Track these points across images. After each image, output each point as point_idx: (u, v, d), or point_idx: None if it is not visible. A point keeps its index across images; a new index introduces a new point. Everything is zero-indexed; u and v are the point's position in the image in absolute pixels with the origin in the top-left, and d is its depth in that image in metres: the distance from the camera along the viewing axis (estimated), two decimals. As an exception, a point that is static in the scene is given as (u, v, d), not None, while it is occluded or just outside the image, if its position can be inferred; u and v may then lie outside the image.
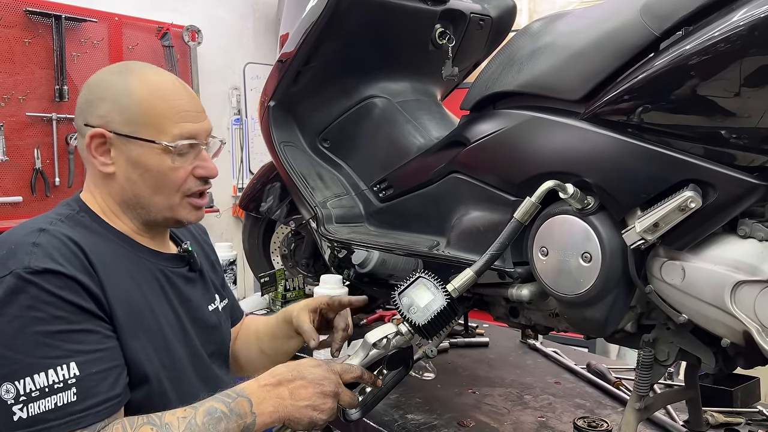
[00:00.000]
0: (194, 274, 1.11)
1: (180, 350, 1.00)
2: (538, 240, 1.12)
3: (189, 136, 0.98)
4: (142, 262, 1.00)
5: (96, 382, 0.83)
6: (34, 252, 0.84)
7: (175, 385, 0.97)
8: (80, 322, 0.84)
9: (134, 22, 3.30)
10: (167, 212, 1.00)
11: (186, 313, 1.04)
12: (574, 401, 1.51)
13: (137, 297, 0.94)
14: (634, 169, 0.98)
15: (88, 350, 0.84)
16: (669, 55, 0.92)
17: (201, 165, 1.00)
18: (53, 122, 2.97)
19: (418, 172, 1.51)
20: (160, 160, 0.96)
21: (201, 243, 1.23)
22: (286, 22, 1.84)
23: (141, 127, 0.95)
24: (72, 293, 0.84)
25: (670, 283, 0.98)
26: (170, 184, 0.98)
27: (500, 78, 1.26)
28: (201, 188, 1.01)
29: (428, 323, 0.98)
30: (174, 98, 0.98)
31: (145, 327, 0.94)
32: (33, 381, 0.79)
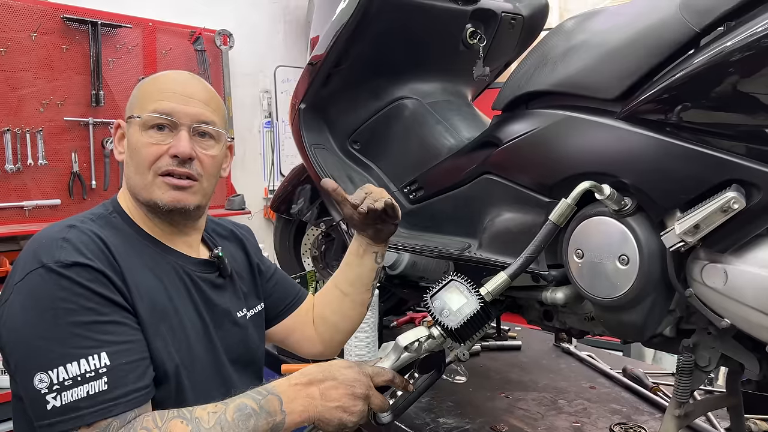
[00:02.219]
0: (223, 280, 1.11)
1: (201, 353, 1.01)
2: (574, 242, 1.09)
3: (163, 112, 0.98)
4: (169, 263, 1.01)
5: (125, 372, 0.84)
6: (63, 246, 0.87)
7: (194, 386, 0.97)
8: (109, 313, 0.86)
9: (167, 27, 3.36)
10: (145, 193, 0.99)
11: (211, 318, 1.05)
12: (610, 407, 1.48)
13: (161, 296, 0.96)
14: (673, 169, 0.95)
15: (117, 341, 0.85)
16: (710, 52, 0.90)
17: (173, 143, 0.99)
18: (90, 126, 3.04)
19: (450, 174, 1.50)
20: (138, 137, 0.99)
21: (246, 248, 1.24)
22: (317, 25, 1.85)
23: (134, 109, 1.01)
24: (101, 285, 0.86)
25: (711, 286, 0.94)
26: (143, 160, 0.98)
27: (533, 77, 1.24)
28: (172, 168, 0.99)
29: (461, 327, 0.96)
30: (165, 82, 1.03)
31: (167, 325, 0.95)
32: (66, 370, 0.81)
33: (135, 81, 3.20)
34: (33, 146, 2.85)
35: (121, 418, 0.83)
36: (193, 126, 1.01)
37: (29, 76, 2.86)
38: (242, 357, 1.14)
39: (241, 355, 1.13)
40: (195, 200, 1.03)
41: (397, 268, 1.71)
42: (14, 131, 2.79)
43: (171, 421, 0.83)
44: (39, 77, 2.89)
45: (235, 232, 1.25)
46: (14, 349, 0.85)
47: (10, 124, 2.79)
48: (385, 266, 1.73)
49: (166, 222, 1.04)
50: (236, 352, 1.11)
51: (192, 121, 1.00)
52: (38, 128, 2.86)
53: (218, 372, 1.05)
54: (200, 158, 1.01)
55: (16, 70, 2.82)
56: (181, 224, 1.06)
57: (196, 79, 1.07)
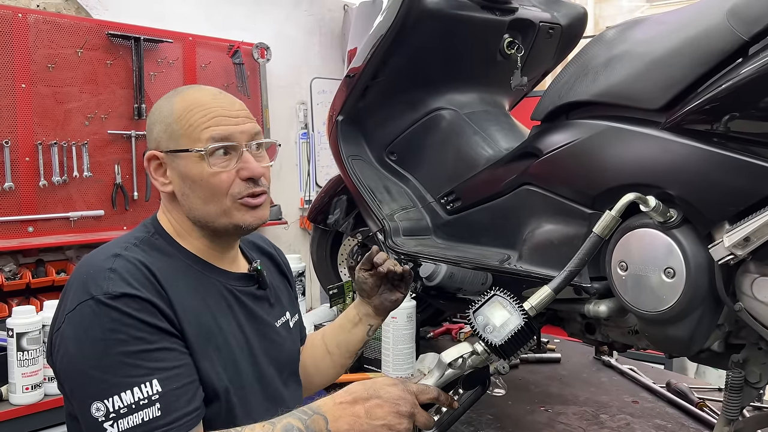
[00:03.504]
0: (263, 292, 1.12)
1: (247, 368, 1.02)
2: (617, 254, 1.08)
3: (221, 138, 0.98)
4: (212, 282, 1.02)
5: (177, 397, 0.86)
6: (111, 277, 0.88)
7: (242, 403, 0.98)
8: (158, 341, 0.87)
9: (207, 42, 3.43)
10: (223, 219, 1.00)
11: (253, 331, 1.06)
12: (654, 422, 1.44)
13: (206, 317, 0.97)
14: (721, 180, 0.94)
15: (167, 367, 0.87)
16: (759, 61, 0.88)
17: (243, 166, 0.99)
18: (132, 139, 3.12)
19: (488, 184, 1.49)
20: (200, 168, 0.97)
21: (277, 261, 1.25)
22: (354, 38, 1.87)
23: (180, 139, 0.98)
24: (148, 315, 0.87)
25: (763, 300, 0.92)
26: (216, 190, 0.98)
27: (574, 87, 1.23)
28: (250, 191, 1.00)
29: (505, 343, 0.95)
30: (207, 106, 1.00)
31: (213, 346, 0.96)
32: (120, 399, 0.83)
33: (175, 94, 3.27)
34: (78, 159, 2.94)
35: None
36: (251, 144, 1.02)
37: (75, 91, 2.95)
38: (286, 367, 1.15)
39: (285, 364, 1.14)
40: (267, 212, 1.06)
41: (434, 279, 1.71)
42: (61, 144, 2.88)
43: None
44: (84, 92, 2.98)
45: (261, 245, 1.25)
46: (69, 378, 0.88)
47: (57, 137, 2.88)
48: (423, 277, 1.73)
49: (226, 242, 1.05)
50: (280, 362, 1.12)
51: (248, 138, 1.01)
52: (83, 141, 2.95)
53: (265, 386, 1.05)
54: (263, 172, 1.03)
55: (62, 85, 2.91)
56: (236, 239, 1.08)
57: (229, 95, 1.07)
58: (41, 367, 1.79)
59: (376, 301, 1.26)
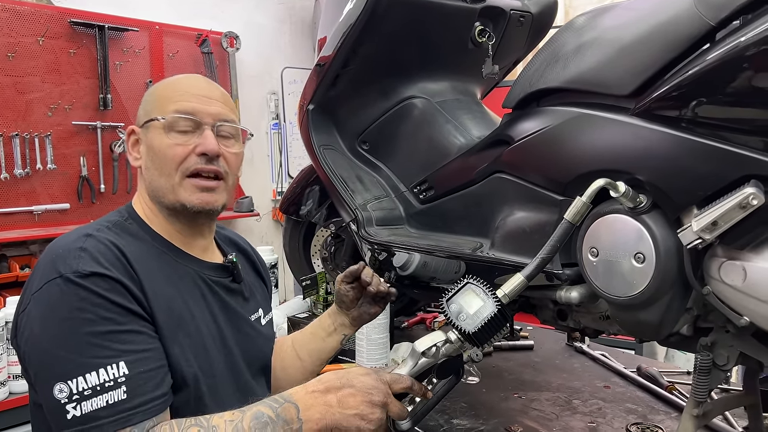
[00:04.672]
0: (237, 285, 1.11)
1: (218, 357, 1.00)
2: (588, 240, 1.08)
3: (185, 112, 0.99)
4: (185, 269, 1.01)
5: (144, 381, 0.84)
6: (81, 256, 0.86)
7: (212, 392, 0.97)
8: (127, 323, 0.86)
9: (174, 30, 3.36)
10: (171, 195, 0.99)
11: (226, 322, 1.05)
12: (626, 406, 1.46)
13: (178, 303, 0.95)
14: (690, 165, 0.94)
15: (136, 350, 0.85)
16: (726, 46, 0.88)
17: (200, 142, 0.99)
18: (98, 130, 3.05)
19: (460, 173, 1.49)
20: (161, 138, 0.99)
21: (253, 259, 1.25)
22: (324, 27, 1.84)
23: (151, 112, 1.01)
24: (118, 295, 0.86)
25: (729, 284, 0.93)
26: (169, 161, 0.98)
27: (544, 75, 1.23)
28: (201, 166, 0.99)
29: (478, 331, 0.95)
30: (182, 84, 1.03)
31: (184, 332, 0.95)
32: (85, 380, 0.81)
33: (142, 84, 3.21)
34: (42, 151, 2.86)
35: (140, 427, 0.83)
36: (217, 125, 1.02)
37: (37, 81, 2.87)
38: (258, 361, 1.14)
39: (256, 358, 1.13)
40: (222, 200, 1.04)
41: (407, 268, 1.70)
42: (23, 136, 2.80)
43: (188, 430, 0.83)
44: (47, 82, 2.90)
45: (238, 242, 1.24)
46: (33, 359, 0.85)
47: (19, 128, 2.80)
48: (396, 266, 1.73)
49: (188, 225, 1.04)
50: (252, 356, 1.11)
51: (214, 119, 1.01)
52: (46, 133, 2.87)
53: (236, 377, 1.04)
54: (225, 156, 1.02)
55: (23, 75, 2.83)
56: (201, 225, 1.06)
57: (210, 81, 1.09)
58: (5, 365, 1.75)
59: (354, 313, 1.26)
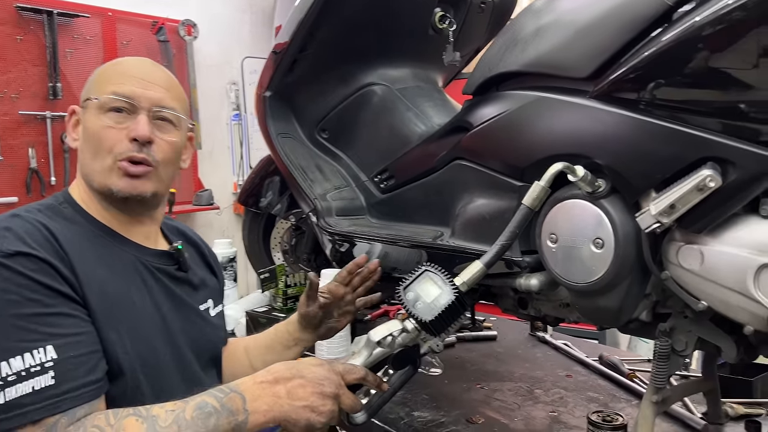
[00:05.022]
0: (184, 274, 1.08)
1: (161, 347, 0.97)
2: (547, 227, 1.06)
3: (122, 94, 0.96)
4: (124, 254, 0.98)
5: (74, 366, 0.80)
6: (5, 236, 0.83)
7: (153, 382, 0.93)
8: (56, 305, 0.82)
9: (128, 17, 3.25)
10: (100, 178, 0.96)
11: (172, 310, 1.01)
12: (587, 395, 1.46)
13: (114, 287, 0.92)
14: (647, 148, 0.93)
15: (65, 333, 0.81)
16: (682, 26, 0.87)
17: (132, 127, 0.96)
18: (47, 120, 2.92)
19: (420, 161, 1.46)
20: (95, 120, 0.96)
21: (203, 251, 1.21)
22: (280, 13, 1.79)
23: (89, 92, 0.98)
24: (46, 276, 0.82)
25: (687, 268, 0.92)
26: (101, 144, 0.95)
27: (503, 58, 1.20)
28: (132, 154, 0.95)
29: (435, 319, 0.93)
30: (126, 66, 1.01)
31: (121, 317, 0.90)
32: (9, 365, 0.76)
33: (95, 73, 3.09)
34: (-13, 142, 2.74)
35: (69, 415, 0.78)
36: (153, 110, 0.98)
37: (-19, 69, 2.74)
38: (207, 352, 1.10)
39: (207, 349, 1.09)
40: (151, 187, 0.99)
41: (369, 259, 1.66)
42: (-33, 127, 2.68)
43: (125, 419, 0.79)
44: (-8, 70, 2.77)
45: (187, 233, 1.20)
46: None
47: (-37, 119, 2.68)
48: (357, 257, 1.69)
49: (122, 211, 1.00)
50: (201, 346, 1.07)
51: (152, 105, 0.98)
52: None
53: (181, 367, 1.00)
54: (159, 143, 0.99)
55: (-33, 63, 2.70)
56: (137, 213, 1.02)
57: (157, 66, 1.05)
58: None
59: (322, 330, 1.23)
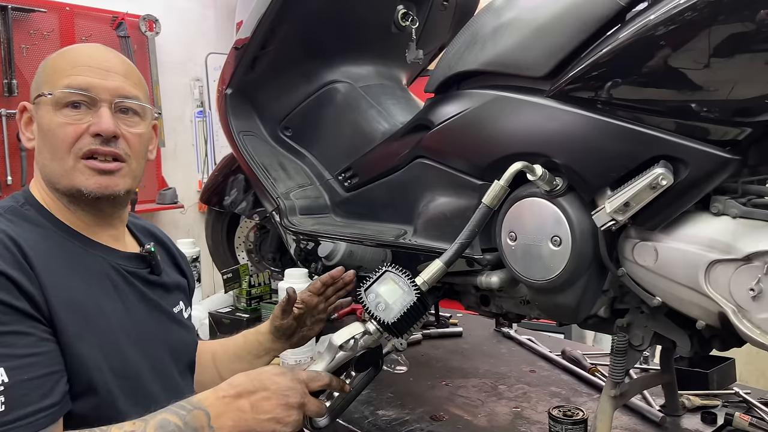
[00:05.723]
0: (156, 276, 1.02)
1: (136, 357, 0.91)
2: (506, 225, 1.07)
3: (78, 87, 0.89)
4: (94, 258, 0.91)
5: (28, 390, 0.75)
6: None
7: (129, 395, 0.88)
8: (10, 323, 0.76)
9: (87, 12, 3.16)
10: (66, 180, 0.90)
11: (146, 316, 0.96)
12: (550, 389, 1.47)
13: (84, 297, 0.86)
14: (602, 146, 0.94)
15: (19, 354, 0.75)
16: (635, 26, 0.88)
17: (94, 121, 0.90)
18: (2, 118, 2.83)
19: (383, 159, 1.46)
20: (51, 117, 0.89)
21: (173, 252, 1.15)
22: (242, 9, 1.76)
23: (42, 86, 0.91)
24: (1, 291, 0.76)
25: (642, 264, 0.94)
26: (60, 143, 0.89)
27: (463, 57, 1.21)
28: (94, 147, 0.89)
29: (398, 321, 0.92)
30: (78, 54, 0.93)
31: (92, 329, 0.85)
32: None
33: (53, 70, 3.00)
34: (-61, 141, 2.65)
35: None
36: (115, 101, 0.91)
37: (-69, 65, 2.65)
38: (185, 357, 1.05)
39: (184, 354, 1.05)
40: (125, 184, 0.93)
41: (333, 258, 1.65)
42: None
43: None
44: (-57, 66, 2.68)
45: (155, 233, 1.14)
46: None
47: None
48: (321, 257, 1.68)
49: (90, 212, 0.93)
50: (179, 352, 1.02)
51: (113, 96, 0.91)
52: (-56, 121, 2.66)
53: (160, 377, 0.95)
54: (126, 137, 0.92)
55: None
56: (107, 213, 0.96)
57: (111, 51, 0.97)
58: None
59: (294, 339, 1.22)
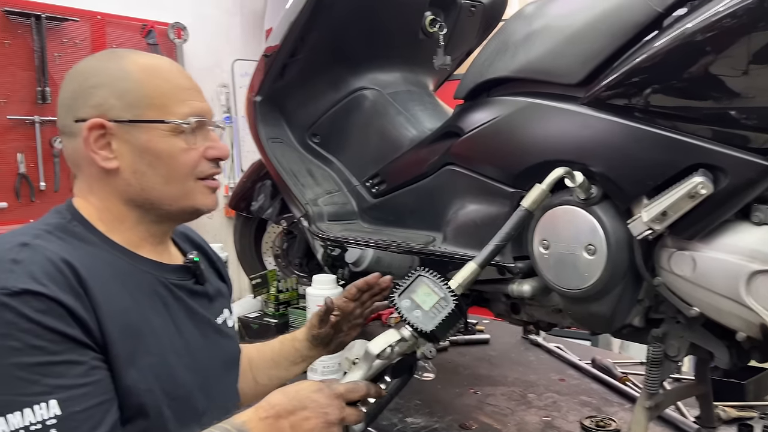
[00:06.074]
0: (201, 287, 1.01)
1: (186, 375, 0.90)
2: (539, 233, 1.06)
3: (197, 113, 0.91)
4: (143, 276, 0.89)
5: (79, 423, 0.73)
6: (13, 270, 0.74)
7: (179, 416, 0.87)
8: (62, 352, 0.74)
9: (117, 21, 3.23)
10: (183, 201, 0.91)
11: (194, 332, 0.95)
12: (580, 399, 1.46)
13: (137, 317, 0.84)
14: (638, 154, 0.93)
15: (71, 385, 0.74)
16: (673, 33, 0.87)
17: (212, 145, 0.92)
18: (36, 125, 2.90)
19: (412, 166, 1.46)
20: (170, 143, 0.88)
21: (210, 255, 1.14)
22: (270, 16, 1.79)
23: (145, 109, 0.87)
24: (54, 318, 0.73)
25: (679, 274, 0.92)
26: (183, 168, 0.89)
27: (494, 64, 1.20)
28: (214, 170, 0.94)
29: (436, 328, 0.91)
30: (176, 77, 0.92)
31: (144, 350, 0.84)
32: (7, 421, 0.69)
33: (85, 77, 3.05)
34: (-25, 147, 2.72)
35: None
36: (217, 123, 0.97)
37: (-31, 73, 2.72)
38: (232, 368, 1.05)
39: (230, 366, 1.05)
40: None
41: (361, 264, 1.66)
42: (-46, 132, 2.65)
43: None
44: (-21, 74, 2.75)
45: (192, 237, 1.13)
46: None
47: (-50, 124, 2.65)
48: (349, 263, 1.68)
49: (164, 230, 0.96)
50: (226, 364, 1.02)
51: (211, 117, 0.95)
52: (-20, 128, 2.73)
53: (207, 392, 0.94)
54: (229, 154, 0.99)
55: (-46, 67, 2.67)
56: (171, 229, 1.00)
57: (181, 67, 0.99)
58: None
59: (332, 347, 1.21)
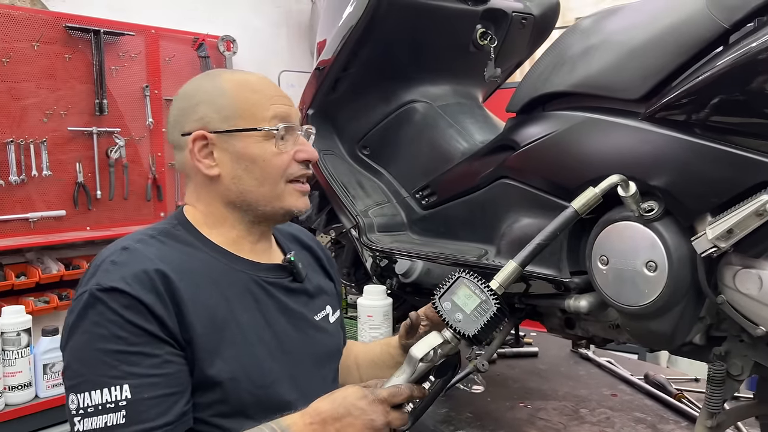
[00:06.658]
0: (298, 284, 1.07)
1: (273, 366, 0.95)
2: (598, 248, 1.05)
3: (283, 118, 0.99)
4: (237, 274, 0.97)
5: (147, 408, 0.81)
6: (109, 270, 0.85)
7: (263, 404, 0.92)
8: (139, 344, 0.83)
9: (170, 34, 3.33)
10: (276, 202, 0.99)
11: (287, 325, 1.00)
12: (634, 415, 1.43)
13: (224, 312, 0.91)
14: (703, 171, 0.91)
15: (142, 374, 0.82)
16: (740, 49, 0.86)
17: (301, 149, 1.00)
18: (94, 136, 3.01)
19: (464, 178, 1.46)
20: (263, 148, 0.97)
21: (318, 255, 1.20)
22: (323, 29, 1.82)
23: (238, 119, 0.97)
24: (135, 314, 0.83)
25: (745, 293, 0.90)
26: (275, 170, 0.98)
27: (550, 78, 1.20)
28: (304, 172, 1.01)
29: (479, 332, 0.92)
30: (263, 88, 1.01)
31: (230, 342, 0.90)
32: (90, 397, 0.81)
33: (139, 89, 3.17)
34: (37, 157, 2.83)
35: None
36: (305, 128, 1.05)
37: (32, 87, 2.83)
38: (328, 362, 1.09)
39: (327, 360, 1.09)
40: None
41: (410, 276, 1.66)
42: (18, 142, 2.77)
43: None
44: (42, 87, 2.87)
45: (301, 237, 1.20)
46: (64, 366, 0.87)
47: (14, 135, 2.77)
48: (399, 274, 1.70)
49: (261, 230, 1.04)
50: (321, 358, 1.06)
51: (300, 122, 1.03)
52: (42, 139, 2.84)
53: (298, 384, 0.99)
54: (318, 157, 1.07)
55: (18, 81, 2.79)
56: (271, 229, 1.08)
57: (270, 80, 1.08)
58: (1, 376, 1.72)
59: None
